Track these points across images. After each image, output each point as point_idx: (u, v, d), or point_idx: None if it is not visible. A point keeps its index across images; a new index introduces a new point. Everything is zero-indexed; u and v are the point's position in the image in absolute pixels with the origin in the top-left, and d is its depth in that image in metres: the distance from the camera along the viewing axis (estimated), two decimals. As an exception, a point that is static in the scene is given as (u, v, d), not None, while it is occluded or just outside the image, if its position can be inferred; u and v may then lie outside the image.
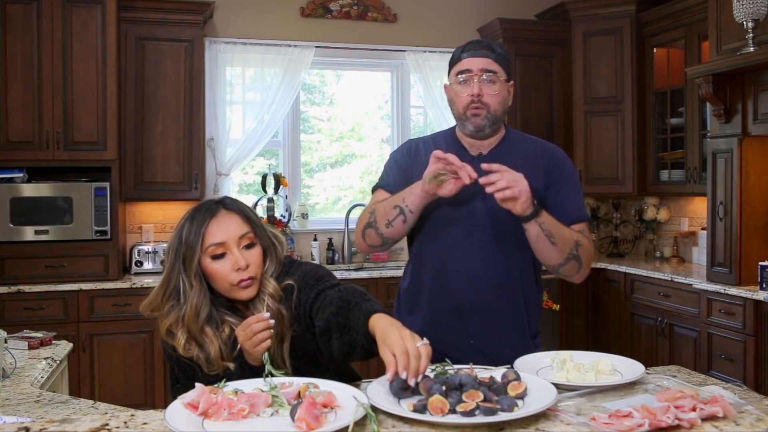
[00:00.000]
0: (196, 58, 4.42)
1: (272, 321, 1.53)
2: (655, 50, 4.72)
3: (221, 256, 1.61)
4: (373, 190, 2.08)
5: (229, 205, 1.67)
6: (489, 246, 1.93)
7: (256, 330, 1.51)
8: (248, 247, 1.64)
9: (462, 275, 1.93)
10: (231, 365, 1.62)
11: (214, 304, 1.65)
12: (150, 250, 4.37)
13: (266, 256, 1.68)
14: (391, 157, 2.10)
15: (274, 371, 1.48)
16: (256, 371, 1.54)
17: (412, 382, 1.32)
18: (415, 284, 2.02)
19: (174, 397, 1.44)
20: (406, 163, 2.02)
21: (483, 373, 1.48)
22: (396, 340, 1.33)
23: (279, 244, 1.73)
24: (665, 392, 1.38)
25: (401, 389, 1.35)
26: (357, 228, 1.98)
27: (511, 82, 1.98)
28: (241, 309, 1.70)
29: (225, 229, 1.62)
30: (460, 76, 1.93)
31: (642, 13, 4.72)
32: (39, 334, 2.38)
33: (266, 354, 1.51)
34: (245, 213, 1.67)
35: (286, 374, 1.54)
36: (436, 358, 1.92)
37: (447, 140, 2.03)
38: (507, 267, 1.94)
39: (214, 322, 1.64)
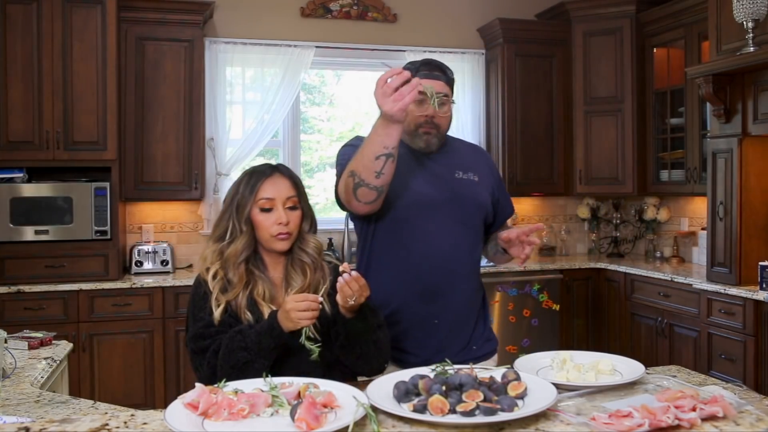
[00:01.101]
0: (196, 58, 4.42)
1: (320, 305, 1.71)
2: (655, 50, 4.72)
3: (268, 210, 1.87)
4: (339, 175, 2.06)
5: (283, 170, 1.93)
6: (454, 231, 2.04)
7: (311, 307, 1.68)
8: (292, 208, 1.89)
9: (429, 259, 2.01)
10: (249, 316, 1.80)
11: (254, 253, 1.90)
12: (150, 250, 4.37)
13: (304, 219, 1.93)
14: (347, 147, 2.08)
15: (313, 347, 1.67)
16: (283, 336, 1.70)
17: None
18: (377, 268, 2.07)
19: (188, 346, 1.83)
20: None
21: (483, 373, 1.48)
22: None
23: (314, 217, 1.99)
24: (665, 392, 1.38)
25: (404, 394, 1.36)
26: (345, 194, 1.96)
27: (453, 101, 2.13)
28: (272, 272, 1.90)
29: (276, 188, 1.88)
30: (418, 96, 1.97)
31: (642, 13, 4.72)
32: (39, 334, 2.37)
33: (306, 329, 1.69)
34: (295, 180, 1.93)
35: (316, 348, 1.69)
36: (399, 337, 2.04)
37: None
38: (470, 252, 2.10)
39: (248, 265, 1.88)
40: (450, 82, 2.08)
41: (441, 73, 2.06)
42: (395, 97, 1.72)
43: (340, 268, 1.69)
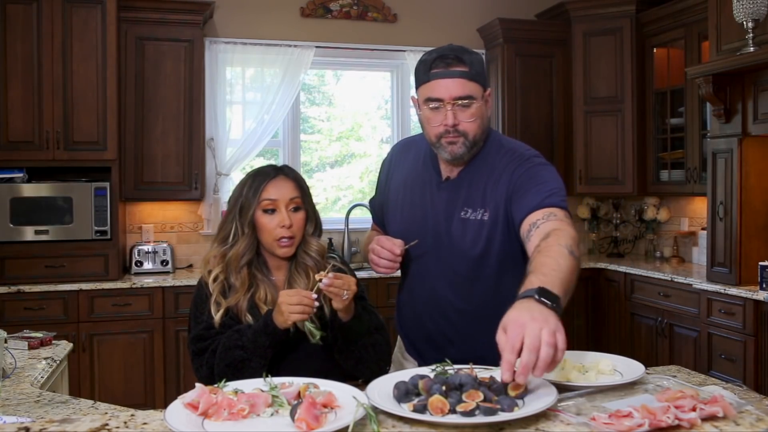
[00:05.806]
0: (196, 58, 4.42)
1: (316, 304, 1.70)
2: (655, 50, 4.71)
3: (271, 211, 1.86)
4: (370, 203, 2.16)
5: (287, 172, 1.93)
6: (456, 275, 1.84)
7: (302, 302, 1.67)
8: (295, 210, 1.88)
9: (429, 305, 1.90)
10: (249, 318, 1.82)
11: (257, 256, 1.90)
12: (150, 250, 4.37)
13: (308, 221, 1.93)
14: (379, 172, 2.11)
15: (313, 329, 1.70)
16: (278, 334, 1.73)
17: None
18: (399, 308, 2.06)
19: (189, 348, 1.85)
20: (384, 178, 2.05)
21: (483, 373, 1.48)
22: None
23: (319, 218, 1.99)
24: (665, 392, 1.38)
25: (404, 394, 1.36)
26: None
27: (488, 91, 1.78)
28: (275, 276, 1.91)
29: (279, 189, 1.87)
30: (430, 103, 1.73)
31: (642, 13, 4.72)
32: (39, 334, 2.37)
33: (307, 323, 1.71)
34: (299, 182, 1.93)
35: (318, 331, 1.72)
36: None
37: (425, 157, 1.92)
38: (475, 296, 1.84)
39: (250, 269, 1.89)
40: (474, 73, 1.70)
41: (459, 66, 1.70)
42: (375, 267, 1.84)
43: (316, 277, 1.68)
